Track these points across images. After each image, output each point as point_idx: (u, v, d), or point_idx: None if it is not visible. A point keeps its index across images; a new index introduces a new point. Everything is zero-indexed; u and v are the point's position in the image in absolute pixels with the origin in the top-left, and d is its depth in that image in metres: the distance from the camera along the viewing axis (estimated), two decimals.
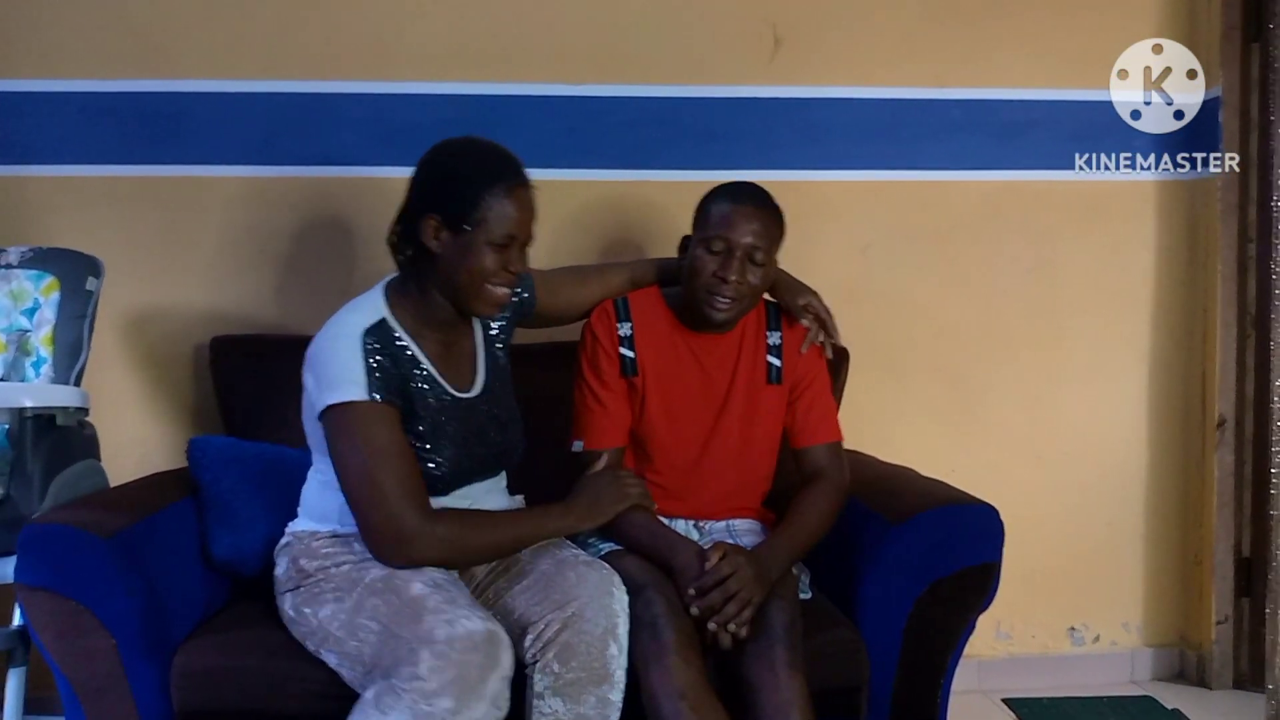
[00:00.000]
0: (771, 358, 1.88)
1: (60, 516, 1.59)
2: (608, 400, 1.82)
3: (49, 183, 2.23)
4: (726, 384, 1.86)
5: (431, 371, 1.64)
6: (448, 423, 1.64)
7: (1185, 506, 2.53)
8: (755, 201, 1.80)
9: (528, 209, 1.60)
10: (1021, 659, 2.49)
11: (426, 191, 1.61)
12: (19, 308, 2.00)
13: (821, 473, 1.85)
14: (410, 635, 1.42)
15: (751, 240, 1.76)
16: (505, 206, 1.56)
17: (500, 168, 1.59)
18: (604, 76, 2.32)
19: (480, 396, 1.71)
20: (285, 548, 1.69)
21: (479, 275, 1.58)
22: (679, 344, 1.86)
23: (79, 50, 2.23)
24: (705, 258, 1.77)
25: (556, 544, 1.70)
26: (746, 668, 1.58)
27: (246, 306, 2.28)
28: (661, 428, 1.85)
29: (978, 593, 1.74)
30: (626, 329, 1.85)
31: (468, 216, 1.56)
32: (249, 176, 2.27)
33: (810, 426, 1.88)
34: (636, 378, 1.84)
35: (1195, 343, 2.50)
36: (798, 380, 1.88)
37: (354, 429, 1.54)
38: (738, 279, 1.75)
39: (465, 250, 1.57)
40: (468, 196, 1.56)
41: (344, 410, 1.54)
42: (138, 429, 2.26)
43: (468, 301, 1.61)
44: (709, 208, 1.81)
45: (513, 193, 1.57)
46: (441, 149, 1.64)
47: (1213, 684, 2.45)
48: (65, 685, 1.59)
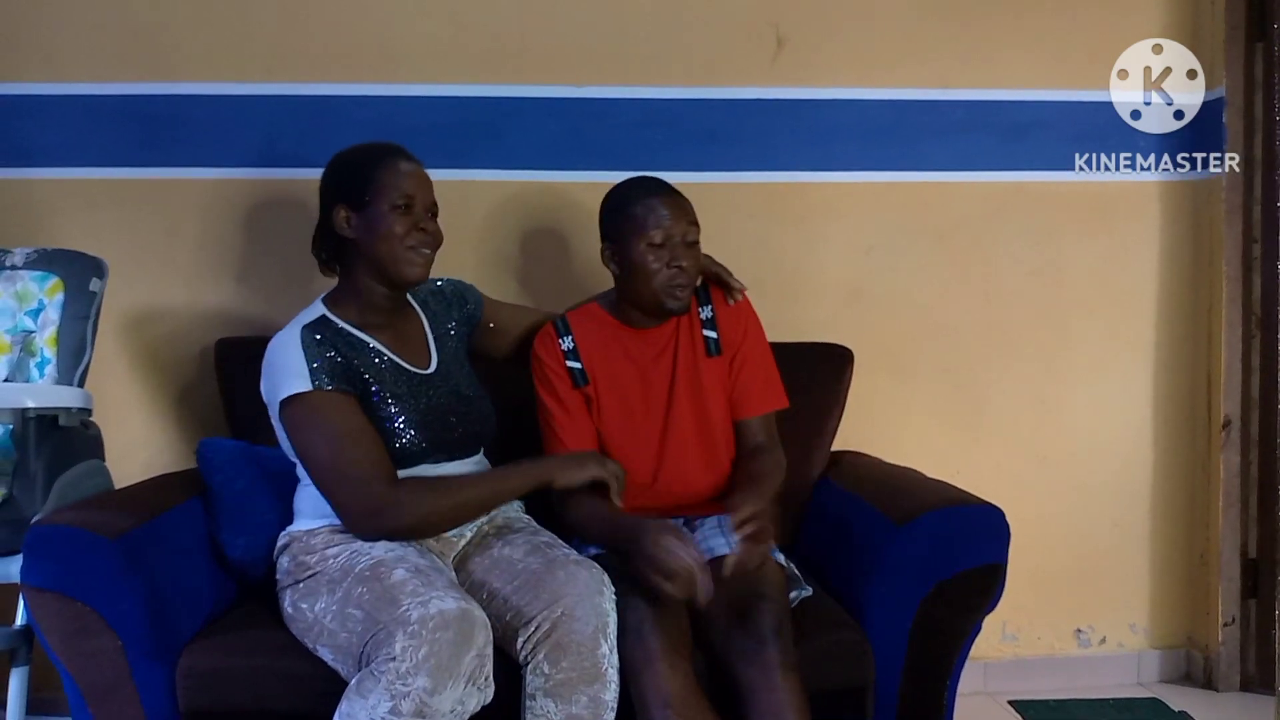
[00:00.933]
0: (708, 330, 1.91)
1: (67, 518, 1.59)
2: (567, 416, 1.85)
3: (54, 185, 2.24)
4: (670, 368, 1.89)
5: (385, 351, 1.72)
6: (409, 396, 1.70)
7: (1191, 508, 2.52)
8: (673, 192, 1.87)
9: (416, 174, 1.75)
10: (1027, 661, 2.48)
11: (330, 189, 1.77)
12: (23, 308, 2.00)
13: (760, 447, 1.89)
14: (388, 619, 1.45)
15: (685, 227, 1.83)
16: (394, 173, 1.72)
17: (383, 147, 1.77)
18: (607, 78, 2.33)
19: (436, 373, 1.77)
20: (285, 547, 1.71)
21: (394, 240, 1.70)
22: (622, 344, 1.90)
23: (83, 53, 2.23)
24: (652, 255, 1.81)
25: (548, 542, 1.71)
26: (740, 670, 1.58)
27: (251, 309, 2.28)
28: (621, 428, 1.87)
29: (983, 594, 1.74)
30: (569, 342, 1.89)
31: (365, 189, 1.71)
32: (253, 179, 2.27)
33: (748, 399, 1.91)
34: (588, 386, 1.87)
35: (1200, 343, 2.50)
36: (736, 349, 1.91)
37: (309, 418, 1.62)
38: (689, 264, 1.82)
39: (373, 222, 1.71)
40: (361, 174, 1.73)
41: (295, 402, 1.63)
42: (142, 431, 2.26)
43: (394, 269, 1.72)
44: (632, 208, 1.84)
45: (398, 163, 1.74)
46: (334, 156, 1.80)
47: (1220, 686, 2.44)
48: (72, 686, 1.59)
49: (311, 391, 1.62)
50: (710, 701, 1.56)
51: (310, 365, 1.63)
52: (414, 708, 1.39)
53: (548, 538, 1.75)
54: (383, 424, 1.66)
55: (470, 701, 1.45)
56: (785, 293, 2.35)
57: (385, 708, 1.39)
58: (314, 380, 1.62)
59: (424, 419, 1.70)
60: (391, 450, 1.66)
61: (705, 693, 1.57)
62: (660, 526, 1.63)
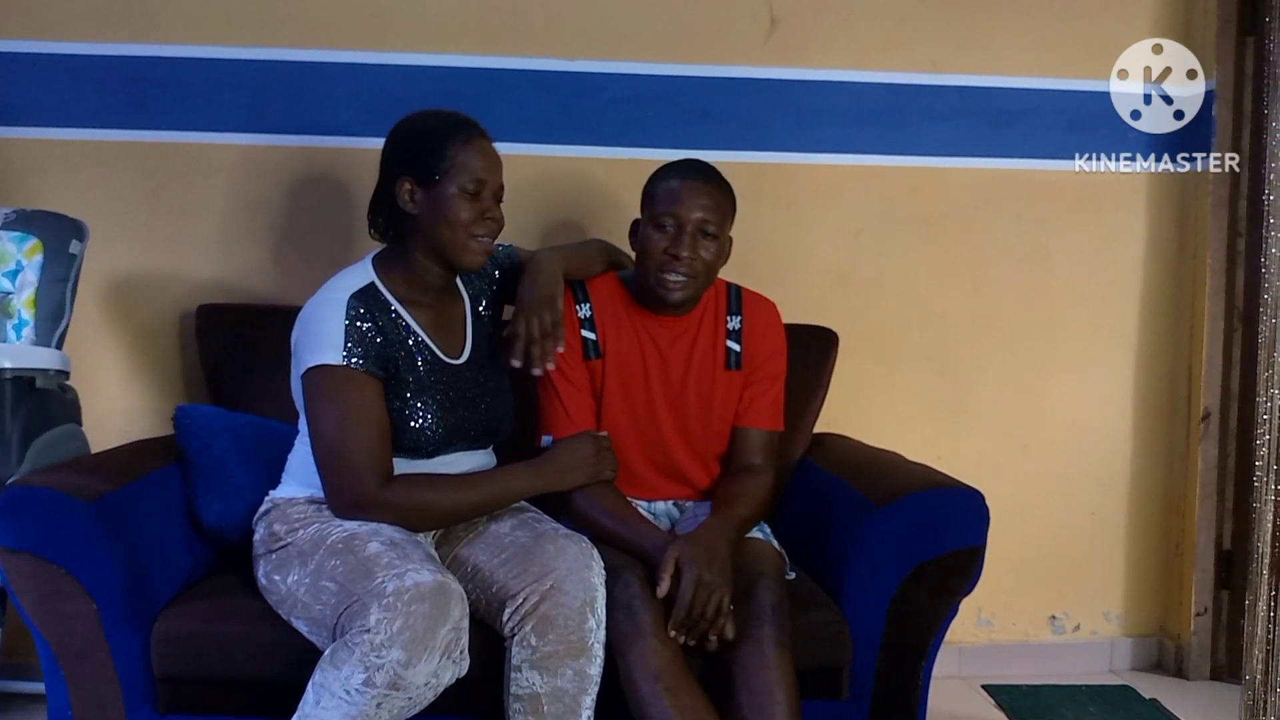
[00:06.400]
0: (731, 343, 1.86)
1: (43, 479, 1.58)
2: (571, 389, 1.80)
3: (34, 145, 2.21)
4: (683, 368, 1.84)
5: (422, 335, 1.68)
6: (435, 385, 1.66)
7: (1168, 498, 2.54)
8: (703, 177, 1.79)
9: (491, 156, 1.68)
10: (1002, 646, 2.50)
11: (396, 157, 1.68)
12: (1, 269, 1.98)
13: (754, 468, 1.83)
14: (362, 592, 1.44)
15: (701, 215, 1.75)
16: (469, 153, 1.65)
17: (459, 121, 1.68)
18: (599, 52, 2.31)
19: (467, 364, 1.73)
20: (264, 514, 1.70)
21: (459, 226, 1.64)
22: (637, 326, 1.84)
23: (68, 11, 2.20)
24: (656, 236, 1.76)
25: (535, 517, 1.71)
26: (734, 645, 1.58)
27: (234, 276, 2.26)
28: (621, 412, 1.83)
29: (961, 576, 1.75)
30: (586, 310, 1.83)
31: (436, 167, 1.64)
32: (240, 144, 2.25)
33: (755, 410, 1.86)
34: (597, 360, 1.82)
35: (1183, 335, 2.51)
36: (757, 367, 1.87)
37: (329, 393, 1.58)
38: (690, 254, 1.74)
39: (439, 203, 1.64)
40: (433, 150, 1.64)
41: (321, 373, 1.58)
42: (121, 397, 2.24)
43: (454, 256, 1.66)
44: (656, 186, 1.80)
45: (473, 141, 1.66)
46: (404, 120, 1.72)
47: (1190, 674, 2.47)
48: (45, 649, 1.58)
49: (340, 366, 1.58)
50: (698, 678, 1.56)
51: (347, 340, 1.58)
52: (388, 680, 1.38)
53: (535, 513, 1.74)
54: (404, 409, 1.63)
55: (445, 674, 1.44)
56: (773, 274, 2.33)
57: (359, 679, 1.38)
58: (347, 357, 1.58)
59: (446, 408, 1.66)
60: (409, 436, 1.63)
61: (693, 669, 1.57)
62: (673, 551, 1.61)
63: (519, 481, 1.70)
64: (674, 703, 1.50)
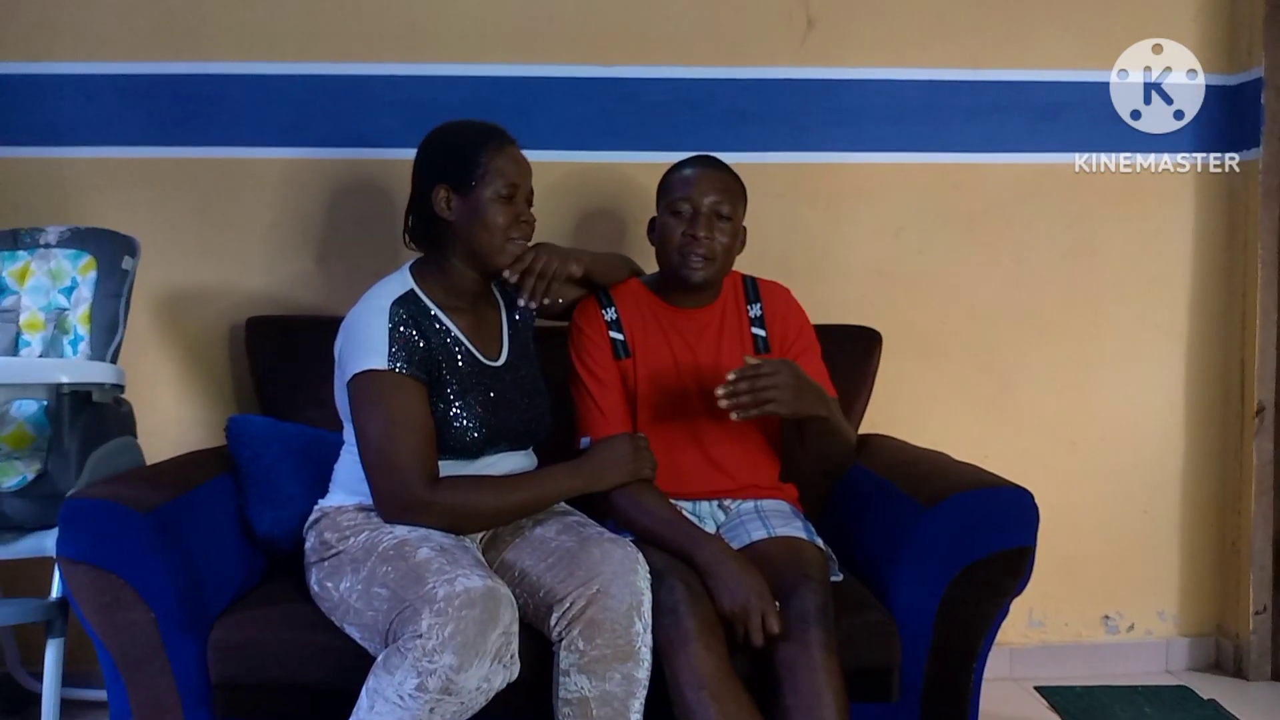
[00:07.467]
0: (756, 329, 1.90)
1: (100, 491, 1.61)
2: (605, 391, 1.83)
3: (86, 164, 2.26)
4: (713, 357, 1.87)
5: (461, 338, 1.71)
6: (477, 386, 1.70)
7: (1223, 494, 2.49)
8: (713, 165, 1.87)
9: (522, 162, 1.74)
10: (1055, 647, 2.47)
11: (431, 166, 1.73)
12: (57, 286, 2.03)
13: None
14: (414, 597, 1.45)
15: (715, 198, 1.82)
16: (503, 160, 1.70)
17: (490, 130, 1.74)
18: (635, 58, 2.32)
19: (506, 366, 1.77)
20: (314, 523, 1.72)
21: (497, 230, 1.69)
22: (663, 322, 1.89)
23: (115, 32, 2.25)
24: (673, 223, 1.83)
25: (580, 521, 1.72)
26: (781, 648, 1.57)
27: (281, 287, 2.29)
28: (657, 407, 1.86)
29: (1011, 576, 1.73)
30: (612, 313, 1.88)
31: (472, 174, 1.69)
32: (283, 158, 2.28)
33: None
34: (628, 360, 1.86)
35: (1234, 329, 2.46)
36: (788, 347, 1.89)
37: (375, 397, 1.61)
38: (706, 235, 1.81)
39: (476, 208, 1.69)
40: (469, 158, 1.69)
41: (367, 378, 1.62)
42: (174, 409, 2.29)
43: (491, 259, 1.71)
44: (669, 179, 1.89)
45: (505, 148, 1.72)
46: (435, 131, 1.77)
47: (1250, 674, 2.42)
48: (106, 657, 1.62)
49: (386, 371, 1.61)
50: (744, 684, 1.56)
51: (391, 345, 1.62)
52: (440, 685, 1.39)
53: (579, 517, 1.75)
54: (446, 412, 1.66)
55: (496, 679, 1.45)
56: (814, 274, 2.33)
57: (411, 684, 1.40)
58: (392, 362, 1.61)
59: (487, 410, 1.69)
60: (453, 438, 1.66)
61: (739, 675, 1.56)
62: (717, 549, 1.65)
63: (560, 481, 1.72)
64: (719, 710, 1.49)
